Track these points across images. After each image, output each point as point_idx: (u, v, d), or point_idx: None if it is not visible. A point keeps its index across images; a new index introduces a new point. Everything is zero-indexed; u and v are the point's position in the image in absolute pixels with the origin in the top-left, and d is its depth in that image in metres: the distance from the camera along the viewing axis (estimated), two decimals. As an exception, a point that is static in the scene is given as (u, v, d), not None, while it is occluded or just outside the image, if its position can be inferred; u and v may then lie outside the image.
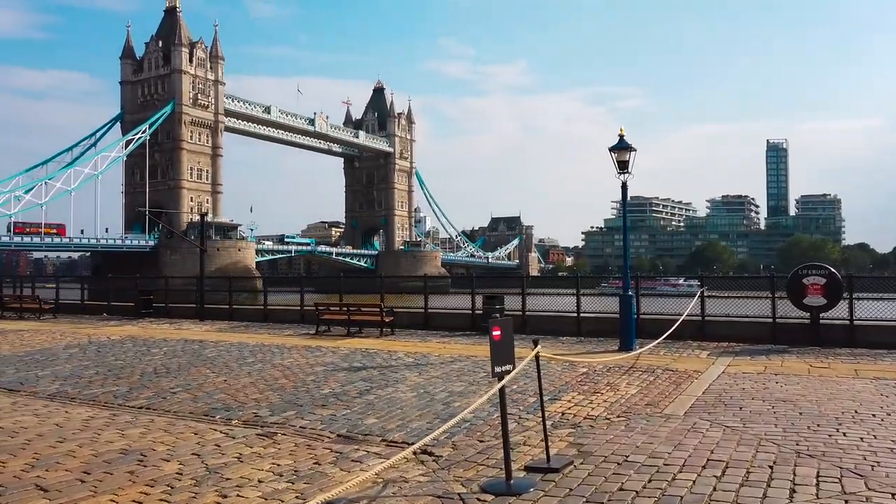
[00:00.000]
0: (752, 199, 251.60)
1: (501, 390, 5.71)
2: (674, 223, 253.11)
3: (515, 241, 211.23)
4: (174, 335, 18.33)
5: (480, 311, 18.64)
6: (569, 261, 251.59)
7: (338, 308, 18.77)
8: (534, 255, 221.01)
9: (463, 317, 19.93)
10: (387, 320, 17.93)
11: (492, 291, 19.56)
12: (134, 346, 16.01)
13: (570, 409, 8.64)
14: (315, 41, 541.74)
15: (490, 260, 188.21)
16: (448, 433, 6.92)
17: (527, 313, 19.09)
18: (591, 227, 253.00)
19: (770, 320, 15.86)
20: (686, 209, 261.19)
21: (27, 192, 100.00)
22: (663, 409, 8.38)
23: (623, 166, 14.70)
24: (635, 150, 14.77)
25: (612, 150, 14.77)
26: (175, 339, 17.18)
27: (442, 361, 12.68)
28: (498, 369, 5.77)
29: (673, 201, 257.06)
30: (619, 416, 8.08)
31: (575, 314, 18.41)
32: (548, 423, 6.67)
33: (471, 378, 11.02)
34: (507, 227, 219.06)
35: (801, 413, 7.92)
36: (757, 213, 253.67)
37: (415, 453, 6.24)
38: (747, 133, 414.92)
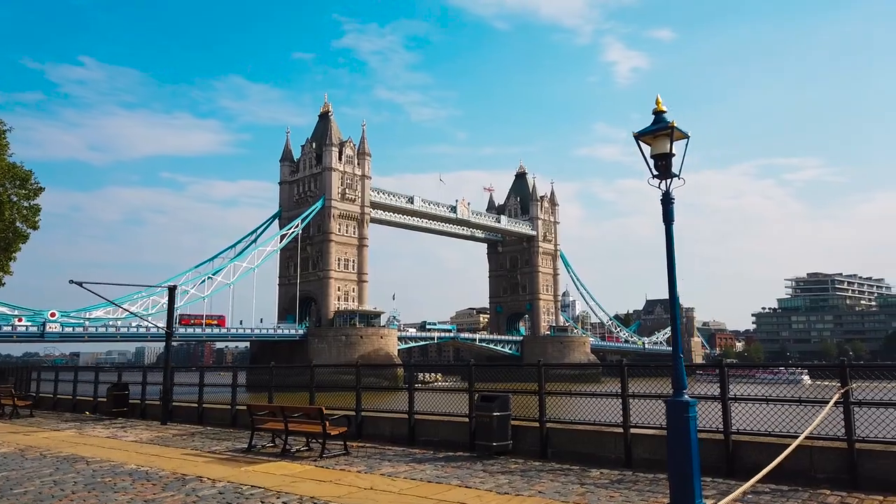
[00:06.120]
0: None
1: None
2: (863, 302, 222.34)
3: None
4: (71, 449, 15.27)
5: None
6: (739, 346, 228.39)
7: (274, 413, 13.91)
8: (697, 340, 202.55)
9: (458, 427, 14.09)
10: (333, 432, 12.96)
11: (489, 391, 13.47)
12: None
13: None
14: (472, 138, 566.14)
15: (646, 345, 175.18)
16: None
17: (547, 426, 12.94)
18: (763, 309, 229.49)
19: None
20: (878, 286, 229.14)
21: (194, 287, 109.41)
22: None
23: (662, 165, 8.66)
24: (687, 137, 8.80)
25: (640, 136, 8.76)
26: (50, 456, 14.06)
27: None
28: None
29: (861, 278, 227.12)
30: None
31: (621, 430, 12.01)
32: None
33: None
34: (664, 310, 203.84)
35: None
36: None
37: None
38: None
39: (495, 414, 12.65)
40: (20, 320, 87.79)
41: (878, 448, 9.87)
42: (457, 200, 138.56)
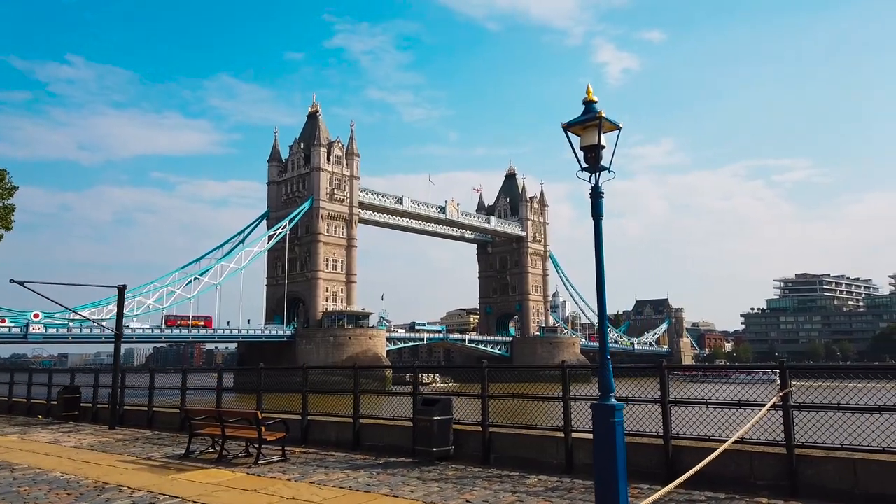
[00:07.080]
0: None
1: None
2: (850, 303, 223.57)
3: (664, 326, 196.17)
4: (4, 455, 14.66)
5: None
6: (728, 346, 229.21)
7: (215, 417, 13.57)
8: (686, 340, 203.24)
9: (403, 432, 13.59)
10: (269, 437, 12.64)
11: (429, 394, 13.28)
12: None
13: None
14: (463, 139, 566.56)
15: (636, 346, 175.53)
16: None
17: (490, 430, 12.51)
18: (752, 309, 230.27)
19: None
20: (865, 287, 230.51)
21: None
22: None
23: (592, 157, 8.46)
24: (619, 128, 8.61)
25: (569, 127, 8.55)
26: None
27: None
28: None
29: (848, 279, 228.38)
30: None
31: (562, 434, 11.63)
32: None
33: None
34: (653, 311, 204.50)
35: None
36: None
37: None
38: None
39: (436, 418, 12.21)
40: (3, 321, 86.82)
41: (818, 454, 9.57)
42: (446, 201, 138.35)
